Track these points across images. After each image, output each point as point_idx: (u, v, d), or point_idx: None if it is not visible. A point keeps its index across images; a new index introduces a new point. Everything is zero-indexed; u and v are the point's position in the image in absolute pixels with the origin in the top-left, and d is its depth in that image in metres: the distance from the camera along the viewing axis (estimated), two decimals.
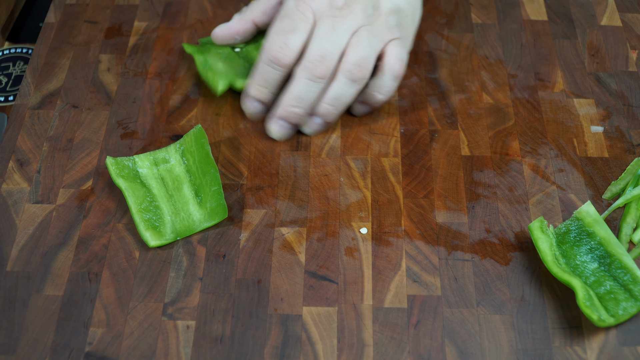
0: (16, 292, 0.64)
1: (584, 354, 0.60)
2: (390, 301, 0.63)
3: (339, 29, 0.70)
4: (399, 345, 0.61)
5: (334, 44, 0.70)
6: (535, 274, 0.65)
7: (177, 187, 0.68)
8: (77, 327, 0.62)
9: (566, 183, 0.70)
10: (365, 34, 0.70)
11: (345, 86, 0.71)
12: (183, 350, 0.61)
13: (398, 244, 0.66)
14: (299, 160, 0.72)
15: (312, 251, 0.66)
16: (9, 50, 0.85)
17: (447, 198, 0.69)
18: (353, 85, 0.71)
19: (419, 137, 0.74)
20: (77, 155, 0.72)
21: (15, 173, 0.71)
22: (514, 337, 0.61)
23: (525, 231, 0.67)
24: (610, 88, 0.78)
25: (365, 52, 0.70)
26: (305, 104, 0.71)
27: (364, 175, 0.71)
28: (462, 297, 0.63)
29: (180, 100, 0.76)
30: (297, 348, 0.61)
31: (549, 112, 0.76)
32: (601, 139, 0.74)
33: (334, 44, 0.70)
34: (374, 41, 0.71)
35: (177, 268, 0.65)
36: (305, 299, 0.63)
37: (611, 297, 0.62)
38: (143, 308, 0.63)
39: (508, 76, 0.79)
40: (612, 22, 0.84)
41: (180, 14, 0.84)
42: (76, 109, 0.76)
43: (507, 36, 0.82)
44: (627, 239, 0.66)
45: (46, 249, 0.66)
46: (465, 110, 0.76)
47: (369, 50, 0.70)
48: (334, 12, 0.70)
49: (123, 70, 0.79)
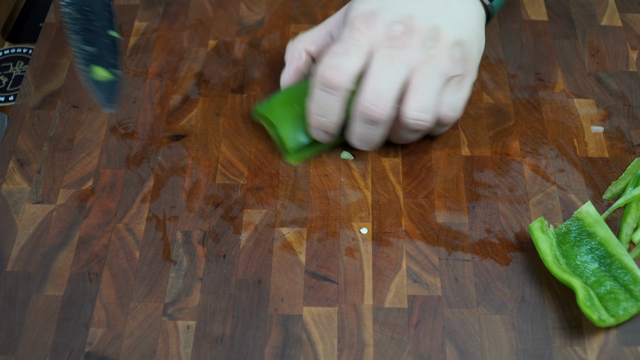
0: (16, 292, 0.64)
1: (584, 354, 0.61)
2: (391, 301, 0.63)
3: (396, 65, 0.66)
4: (399, 345, 0.61)
5: (389, 82, 0.65)
6: (536, 274, 0.65)
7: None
8: (77, 327, 0.62)
9: (566, 183, 0.70)
10: (427, 73, 0.66)
11: (407, 134, 0.69)
12: (183, 351, 0.61)
13: (398, 244, 0.66)
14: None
15: (313, 251, 0.66)
16: (9, 50, 0.85)
17: (447, 198, 0.69)
18: (415, 134, 0.69)
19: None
20: (77, 156, 0.72)
21: (16, 173, 0.71)
22: (514, 337, 0.61)
23: (526, 231, 0.67)
24: (610, 88, 0.78)
25: (425, 101, 0.66)
26: (369, 145, 0.69)
27: (364, 176, 0.71)
28: (462, 297, 0.63)
29: (180, 100, 0.76)
30: (297, 348, 0.61)
31: (549, 112, 0.76)
32: (601, 139, 0.74)
33: (389, 83, 0.65)
34: (437, 82, 0.66)
35: (177, 268, 0.65)
36: (305, 299, 0.63)
37: (611, 297, 0.62)
38: (143, 308, 0.63)
39: (508, 76, 0.79)
40: (612, 22, 0.84)
41: (180, 14, 0.84)
42: (76, 109, 0.76)
43: (507, 36, 0.82)
44: (628, 239, 0.66)
45: (46, 249, 0.66)
46: (465, 110, 0.76)
47: (432, 95, 0.66)
48: (392, 43, 0.66)
49: (123, 71, 0.79)
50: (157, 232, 0.67)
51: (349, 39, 0.67)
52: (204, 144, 0.73)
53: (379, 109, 0.65)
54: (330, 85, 0.66)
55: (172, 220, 0.68)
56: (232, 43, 0.82)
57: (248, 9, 0.85)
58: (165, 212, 0.68)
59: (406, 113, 0.66)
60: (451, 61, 0.67)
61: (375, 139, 0.69)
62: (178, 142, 0.73)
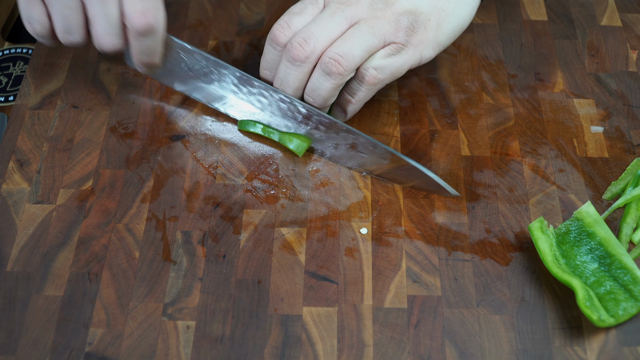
0: (16, 292, 0.64)
1: (584, 354, 0.61)
2: (391, 301, 0.63)
3: (337, 17, 0.67)
4: (399, 345, 0.61)
5: (324, 29, 0.67)
6: (535, 274, 0.65)
7: None
8: (77, 327, 0.62)
9: (566, 183, 0.70)
10: (362, 28, 0.67)
11: (320, 78, 0.67)
12: (183, 351, 0.61)
13: (398, 244, 0.66)
14: (298, 160, 0.72)
15: (312, 251, 0.66)
16: (9, 50, 0.85)
17: (447, 198, 0.69)
18: (327, 78, 0.67)
19: (419, 137, 0.74)
20: (77, 156, 0.72)
21: (15, 173, 0.71)
22: (514, 337, 0.61)
23: (525, 231, 0.67)
24: (610, 88, 0.78)
25: (348, 48, 0.66)
26: (288, 87, 0.69)
27: (364, 176, 0.71)
28: (462, 297, 0.63)
29: (180, 100, 0.76)
30: (297, 348, 0.61)
31: (549, 112, 0.76)
32: (601, 139, 0.74)
33: (323, 30, 0.67)
34: (369, 38, 0.67)
35: (177, 268, 0.65)
36: (305, 299, 0.63)
37: (611, 297, 0.62)
38: (143, 308, 0.63)
39: (508, 76, 0.79)
40: (612, 22, 0.84)
41: (180, 14, 0.84)
42: (76, 109, 0.76)
43: (507, 36, 0.82)
44: (627, 239, 0.66)
45: (46, 249, 0.66)
46: (465, 111, 0.76)
47: (357, 46, 0.66)
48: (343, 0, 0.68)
49: (123, 71, 0.79)
50: (157, 232, 0.67)
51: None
52: (204, 144, 0.73)
53: (304, 49, 0.67)
54: (276, 42, 0.69)
55: (172, 220, 0.68)
56: (232, 43, 0.82)
57: (248, 9, 0.85)
58: (165, 212, 0.68)
59: (326, 52, 0.67)
60: (395, 27, 0.67)
61: (293, 80, 0.69)
62: (178, 142, 0.73)
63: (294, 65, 0.68)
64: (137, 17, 0.67)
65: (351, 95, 0.70)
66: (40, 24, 0.69)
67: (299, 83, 0.69)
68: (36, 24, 0.69)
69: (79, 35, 0.70)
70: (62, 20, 0.69)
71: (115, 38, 0.69)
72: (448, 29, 0.70)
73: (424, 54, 0.69)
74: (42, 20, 0.69)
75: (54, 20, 0.69)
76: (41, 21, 0.69)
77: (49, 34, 0.70)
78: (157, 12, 0.68)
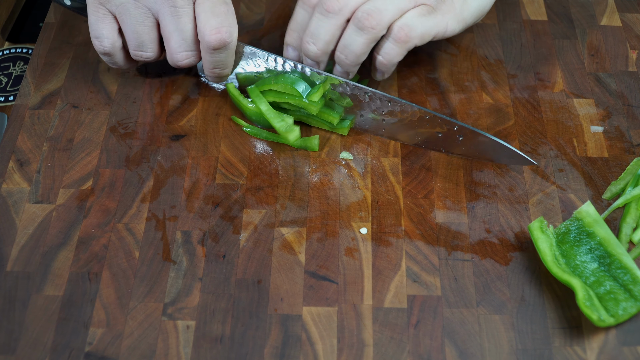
0: (16, 292, 0.64)
1: (584, 354, 0.61)
2: (390, 301, 0.63)
3: None
4: (399, 345, 0.61)
5: None
6: (535, 274, 0.65)
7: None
8: (77, 327, 0.62)
9: (566, 183, 0.70)
10: None
11: (353, 34, 0.69)
12: (183, 350, 0.61)
13: (398, 244, 0.66)
14: (298, 160, 0.72)
15: (312, 251, 0.66)
16: (9, 50, 0.85)
17: (447, 198, 0.69)
18: (360, 34, 0.69)
19: None
20: (77, 155, 0.72)
21: (15, 173, 0.71)
22: (513, 337, 0.61)
23: (525, 231, 0.67)
24: (610, 88, 0.78)
25: (382, 2, 0.68)
26: (318, 41, 0.70)
27: (363, 176, 0.71)
28: (462, 297, 0.63)
29: (180, 100, 0.76)
30: (297, 348, 0.61)
31: (549, 112, 0.76)
32: (601, 139, 0.74)
33: None
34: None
35: (177, 268, 0.65)
36: (305, 299, 0.63)
37: (611, 297, 0.62)
38: (143, 308, 0.63)
39: (508, 76, 0.79)
40: (612, 22, 0.84)
41: None
42: (76, 109, 0.76)
43: (507, 36, 0.82)
44: (627, 239, 0.66)
45: (46, 249, 0.66)
46: (465, 110, 0.76)
47: (390, 2, 0.68)
48: None
49: (123, 70, 0.79)
50: (157, 232, 0.67)
51: None
52: (204, 144, 0.73)
53: (338, 1, 0.68)
54: (307, 2, 0.70)
55: (172, 220, 0.68)
56: None
57: (248, 9, 0.85)
58: (164, 212, 0.68)
59: (360, 7, 0.68)
60: None
61: (324, 33, 0.69)
62: (178, 142, 0.73)
63: (326, 18, 0.68)
64: (212, 33, 0.68)
65: (383, 57, 0.71)
66: (110, 41, 0.70)
67: (330, 37, 0.70)
68: (105, 41, 0.70)
69: (151, 51, 0.71)
70: (134, 37, 0.70)
71: (190, 53, 0.71)
72: (473, 7, 0.72)
73: (450, 24, 0.71)
74: (112, 37, 0.70)
75: (127, 36, 0.70)
76: (111, 38, 0.70)
77: (116, 52, 0.71)
78: (231, 28, 0.69)
